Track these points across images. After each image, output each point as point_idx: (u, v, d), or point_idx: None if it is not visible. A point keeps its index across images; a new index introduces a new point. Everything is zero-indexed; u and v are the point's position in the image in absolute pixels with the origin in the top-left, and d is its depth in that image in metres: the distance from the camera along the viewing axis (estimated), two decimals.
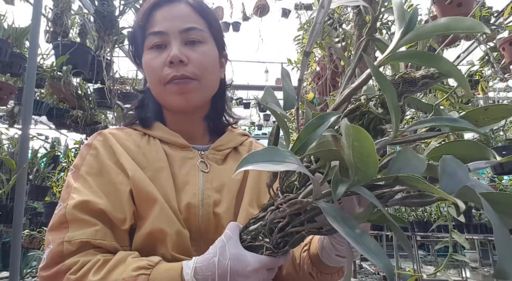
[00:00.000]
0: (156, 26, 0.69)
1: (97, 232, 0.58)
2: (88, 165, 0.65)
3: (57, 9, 2.41)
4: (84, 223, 0.58)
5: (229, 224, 0.53)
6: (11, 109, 2.71)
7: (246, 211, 0.69)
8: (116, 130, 0.73)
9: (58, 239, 0.56)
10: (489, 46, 2.03)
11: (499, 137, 2.30)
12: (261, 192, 0.74)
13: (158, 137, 0.73)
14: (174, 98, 0.69)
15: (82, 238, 0.56)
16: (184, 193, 0.66)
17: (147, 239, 0.61)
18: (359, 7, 1.34)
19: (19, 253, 1.66)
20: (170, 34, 0.68)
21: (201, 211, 0.65)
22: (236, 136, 0.81)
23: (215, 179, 0.70)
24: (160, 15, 0.70)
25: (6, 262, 3.14)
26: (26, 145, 1.77)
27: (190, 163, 0.71)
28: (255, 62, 6.28)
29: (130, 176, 0.63)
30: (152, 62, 0.69)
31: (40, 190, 2.77)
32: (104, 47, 2.15)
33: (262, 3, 4.60)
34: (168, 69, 0.67)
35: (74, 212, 0.58)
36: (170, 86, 0.68)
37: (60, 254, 0.55)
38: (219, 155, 0.75)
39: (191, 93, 0.69)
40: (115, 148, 0.67)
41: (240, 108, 6.67)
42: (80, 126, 2.59)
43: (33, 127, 5.17)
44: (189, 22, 0.69)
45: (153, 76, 0.69)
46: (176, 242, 0.61)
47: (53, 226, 0.59)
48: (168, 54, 0.67)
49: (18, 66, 2.20)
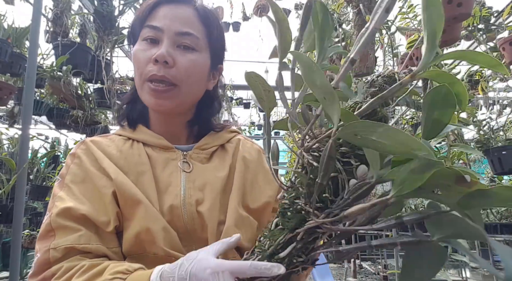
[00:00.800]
0: (155, 20, 0.69)
1: (80, 237, 0.59)
2: (72, 173, 0.66)
3: (57, 9, 2.41)
4: (68, 230, 0.59)
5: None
6: (11, 109, 2.71)
7: (236, 212, 0.68)
8: (99, 137, 0.74)
9: (44, 247, 0.58)
10: (489, 46, 2.03)
11: (499, 137, 2.30)
12: (246, 192, 0.73)
13: (142, 141, 0.73)
14: (148, 99, 0.69)
15: (66, 244, 0.57)
16: (167, 194, 0.66)
17: (135, 240, 0.61)
18: (359, 7, 1.34)
19: (19, 253, 1.66)
20: (165, 32, 0.68)
21: (184, 211, 0.66)
22: (223, 134, 0.81)
23: (198, 178, 0.70)
24: (162, 11, 0.69)
25: (6, 262, 3.14)
26: (26, 145, 1.77)
27: (172, 164, 0.71)
28: (255, 62, 6.29)
29: (113, 179, 0.64)
30: (140, 54, 0.69)
31: (40, 190, 2.77)
32: (104, 47, 2.15)
33: (262, 3, 4.60)
34: (152, 66, 0.67)
35: (57, 220, 0.60)
36: (148, 84, 0.68)
37: (47, 261, 0.56)
38: (204, 153, 0.75)
39: (166, 100, 0.68)
40: (97, 155, 0.68)
41: (240, 108, 6.67)
42: (80, 126, 2.59)
43: (33, 127, 5.16)
44: (187, 27, 0.69)
45: (137, 69, 0.70)
46: (165, 237, 0.62)
47: (41, 235, 0.61)
48: (156, 51, 0.67)
49: (18, 66, 2.20)
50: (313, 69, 0.34)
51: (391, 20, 1.56)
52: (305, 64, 0.35)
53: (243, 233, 0.68)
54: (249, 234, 0.70)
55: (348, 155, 0.40)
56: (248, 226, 0.70)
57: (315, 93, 0.36)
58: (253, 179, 0.76)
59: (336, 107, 0.34)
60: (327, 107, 0.35)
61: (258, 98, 0.46)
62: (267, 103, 0.45)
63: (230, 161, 0.76)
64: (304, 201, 0.41)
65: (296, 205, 0.42)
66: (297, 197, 0.43)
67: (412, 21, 1.75)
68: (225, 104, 4.37)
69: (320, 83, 0.34)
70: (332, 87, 0.34)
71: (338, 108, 0.34)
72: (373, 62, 1.49)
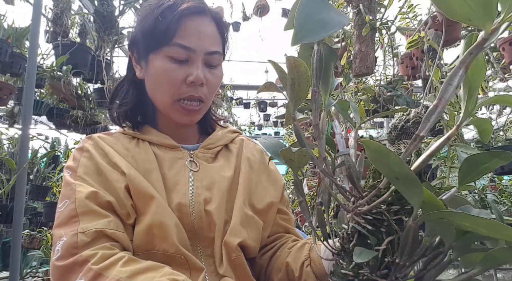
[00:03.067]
0: (185, 39, 0.66)
1: (109, 222, 0.58)
2: (83, 166, 0.66)
3: (57, 9, 2.41)
4: (96, 214, 0.58)
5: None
6: (11, 109, 2.71)
7: (241, 211, 0.69)
8: (104, 134, 0.74)
9: (71, 231, 0.56)
10: (489, 46, 2.03)
11: (499, 137, 2.30)
12: (251, 192, 0.74)
13: (147, 140, 0.73)
14: (180, 117, 0.71)
15: (96, 228, 0.56)
16: (175, 193, 0.67)
17: (147, 234, 0.61)
18: (359, 7, 1.34)
19: (19, 253, 1.66)
20: (197, 52, 0.67)
21: (192, 210, 0.66)
22: (226, 133, 0.82)
23: (205, 177, 0.70)
24: (190, 27, 0.67)
25: (6, 262, 3.14)
26: (26, 145, 1.78)
27: (179, 163, 0.71)
28: (255, 62, 6.28)
29: (126, 173, 0.64)
30: (172, 74, 0.67)
31: (40, 190, 2.77)
32: (104, 47, 2.15)
33: (262, 3, 4.60)
34: (187, 87, 0.68)
35: (86, 203, 0.59)
36: (180, 104, 0.69)
37: (75, 245, 0.55)
38: (209, 153, 0.76)
39: (197, 115, 0.72)
40: (106, 149, 0.68)
41: (240, 108, 6.67)
42: (80, 126, 2.58)
43: (33, 127, 5.16)
44: (214, 45, 0.70)
45: (166, 87, 0.68)
46: (177, 233, 0.62)
47: (61, 222, 0.59)
48: (190, 72, 0.67)
49: (18, 66, 2.20)
50: (389, 156, 0.31)
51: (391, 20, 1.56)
52: (377, 150, 0.32)
53: (248, 232, 0.69)
54: (254, 233, 0.70)
55: (400, 212, 0.39)
56: (253, 225, 0.71)
57: (385, 173, 0.34)
58: (257, 180, 0.77)
59: (418, 192, 0.32)
60: (402, 189, 0.34)
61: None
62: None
63: (235, 161, 0.77)
64: (369, 270, 0.39)
65: (361, 275, 0.40)
66: (360, 267, 0.40)
67: (412, 21, 1.75)
68: (225, 104, 4.38)
69: (399, 171, 0.32)
70: (414, 174, 0.31)
71: (420, 193, 0.32)
72: (373, 62, 1.49)
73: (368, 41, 1.30)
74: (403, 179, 0.32)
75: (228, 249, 0.65)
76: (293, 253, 0.69)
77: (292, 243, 0.73)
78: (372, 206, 0.38)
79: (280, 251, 0.73)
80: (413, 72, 1.81)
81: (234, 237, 0.66)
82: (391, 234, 0.39)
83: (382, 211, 0.39)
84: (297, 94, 0.40)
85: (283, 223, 0.79)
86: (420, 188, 0.32)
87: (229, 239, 0.66)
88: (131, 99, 0.76)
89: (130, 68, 0.77)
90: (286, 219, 0.80)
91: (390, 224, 0.38)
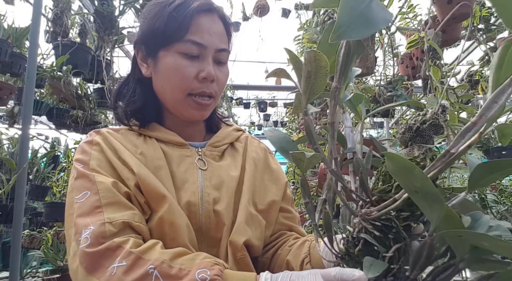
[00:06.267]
0: (197, 35, 0.67)
1: (134, 215, 0.59)
2: (96, 158, 0.65)
3: (57, 9, 2.41)
4: (122, 205, 0.59)
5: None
6: (11, 109, 2.71)
7: (246, 209, 0.69)
8: (112, 130, 0.73)
9: (98, 220, 0.56)
10: (489, 46, 2.03)
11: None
12: (255, 191, 0.74)
13: (155, 137, 0.73)
14: (192, 111, 0.71)
15: (123, 219, 0.56)
16: (184, 191, 0.66)
17: (158, 233, 0.61)
18: None
19: (19, 253, 1.66)
20: (208, 48, 0.69)
21: (201, 209, 0.66)
22: (231, 132, 0.82)
23: (214, 176, 0.70)
24: (202, 24, 0.68)
25: (6, 262, 3.14)
26: (26, 145, 1.78)
27: (188, 161, 0.71)
28: (255, 62, 6.28)
29: (135, 172, 0.63)
30: (184, 70, 0.68)
31: (40, 190, 2.76)
32: (104, 47, 2.15)
33: (262, 3, 4.60)
34: (198, 83, 0.69)
35: (111, 193, 0.59)
36: (192, 99, 0.70)
37: (104, 234, 0.54)
38: (216, 151, 0.76)
39: (208, 110, 0.73)
40: (116, 146, 0.67)
41: (240, 108, 6.67)
42: (80, 126, 2.58)
43: (33, 127, 5.16)
44: (223, 43, 0.71)
45: (178, 83, 0.69)
46: (188, 234, 0.62)
47: (84, 212, 0.58)
48: (202, 68, 0.68)
49: (18, 66, 2.20)
50: (413, 170, 0.30)
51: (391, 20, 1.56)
52: (401, 164, 0.31)
53: (252, 231, 0.69)
54: (258, 232, 0.70)
55: (409, 218, 0.38)
56: (257, 224, 0.71)
57: (405, 186, 0.33)
58: (260, 178, 0.77)
59: (438, 209, 0.31)
60: (421, 204, 0.33)
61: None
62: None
63: (241, 161, 0.77)
64: (375, 278, 0.38)
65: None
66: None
67: (412, 21, 1.75)
68: (225, 104, 4.37)
69: (421, 186, 0.30)
70: (437, 191, 0.30)
71: (440, 210, 0.31)
72: (373, 62, 1.49)
73: (368, 41, 1.30)
74: (423, 194, 0.31)
75: (234, 248, 0.65)
76: (293, 251, 0.69)
77: (293, 241, 0.73)
78: (382, 212, 0.37)
79: (281, 249, 0.73)
80: (413, 72, 1.81)
81: (239, 236, 0.66)
82: (399, 241, 0.38)
83: (391, 218, 0.38)
84: (311, 88, 0.39)
85: (286, 222, 0.79)
86: (442, 205, 0.30)
87: (235, 238, 0.65)
88: (139, 97, 0.75)
89: (135, 67, 0.76)
90: (289, 217, 0.80)
91: (399, 230, 0.37)
